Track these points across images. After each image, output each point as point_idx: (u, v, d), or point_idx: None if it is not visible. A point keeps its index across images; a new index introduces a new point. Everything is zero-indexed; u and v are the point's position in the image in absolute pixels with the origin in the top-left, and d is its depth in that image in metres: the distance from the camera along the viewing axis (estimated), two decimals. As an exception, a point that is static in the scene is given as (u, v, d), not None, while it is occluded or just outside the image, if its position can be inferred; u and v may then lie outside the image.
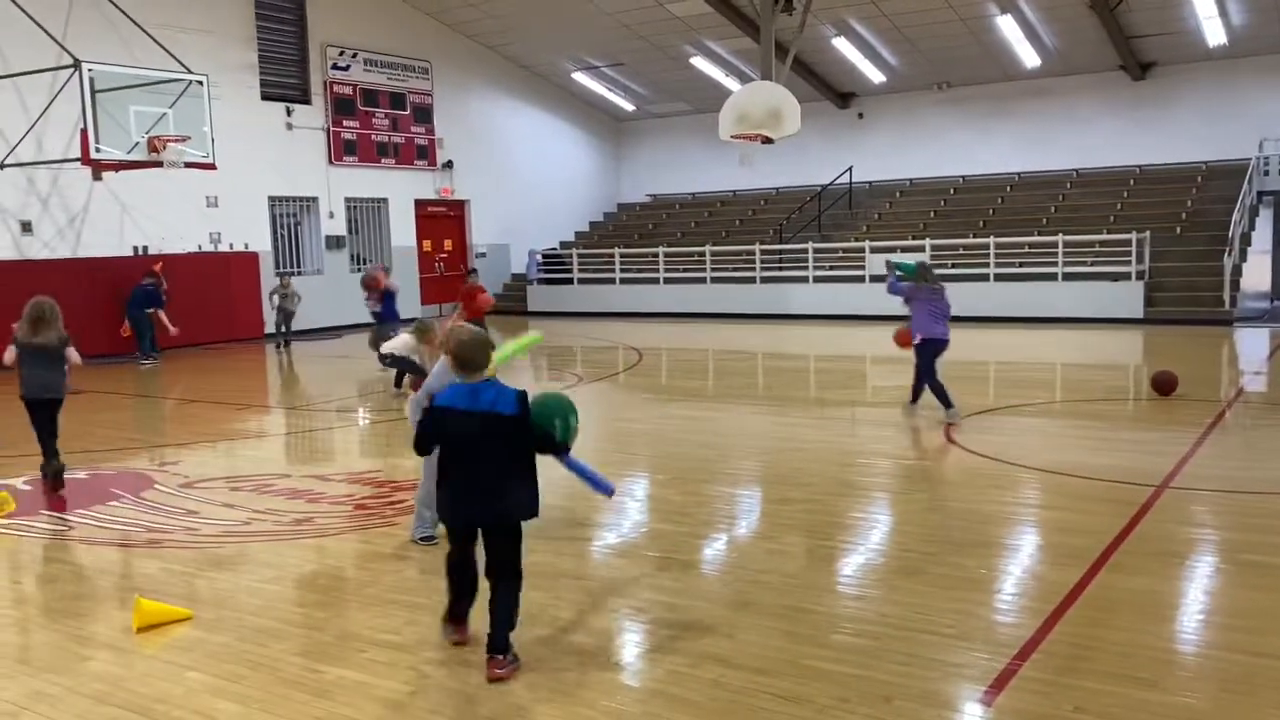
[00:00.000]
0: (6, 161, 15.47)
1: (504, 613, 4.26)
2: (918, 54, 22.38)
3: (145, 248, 17.87)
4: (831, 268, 21.81)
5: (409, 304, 22.71)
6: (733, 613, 4.85)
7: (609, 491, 5.10)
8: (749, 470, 8.21)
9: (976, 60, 22.32)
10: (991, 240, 19.84)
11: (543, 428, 4.30)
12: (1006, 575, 5.41)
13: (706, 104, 24.07)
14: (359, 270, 21.87)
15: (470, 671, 4.24)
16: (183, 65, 15.79)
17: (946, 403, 9.44)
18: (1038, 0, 19.33)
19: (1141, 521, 6.12)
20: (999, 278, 19.61)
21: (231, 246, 19.29)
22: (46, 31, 14.93)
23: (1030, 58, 21.89)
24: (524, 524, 4.36)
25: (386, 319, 13.61)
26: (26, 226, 16.36)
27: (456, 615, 4.54)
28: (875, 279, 20.74)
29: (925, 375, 9.64)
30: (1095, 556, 5.46)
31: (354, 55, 21.43)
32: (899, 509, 6.88)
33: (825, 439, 9.27)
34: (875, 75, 23.68)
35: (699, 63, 23.92)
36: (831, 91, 24.77)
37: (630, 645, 4.63)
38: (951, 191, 23.91)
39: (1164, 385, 10.47)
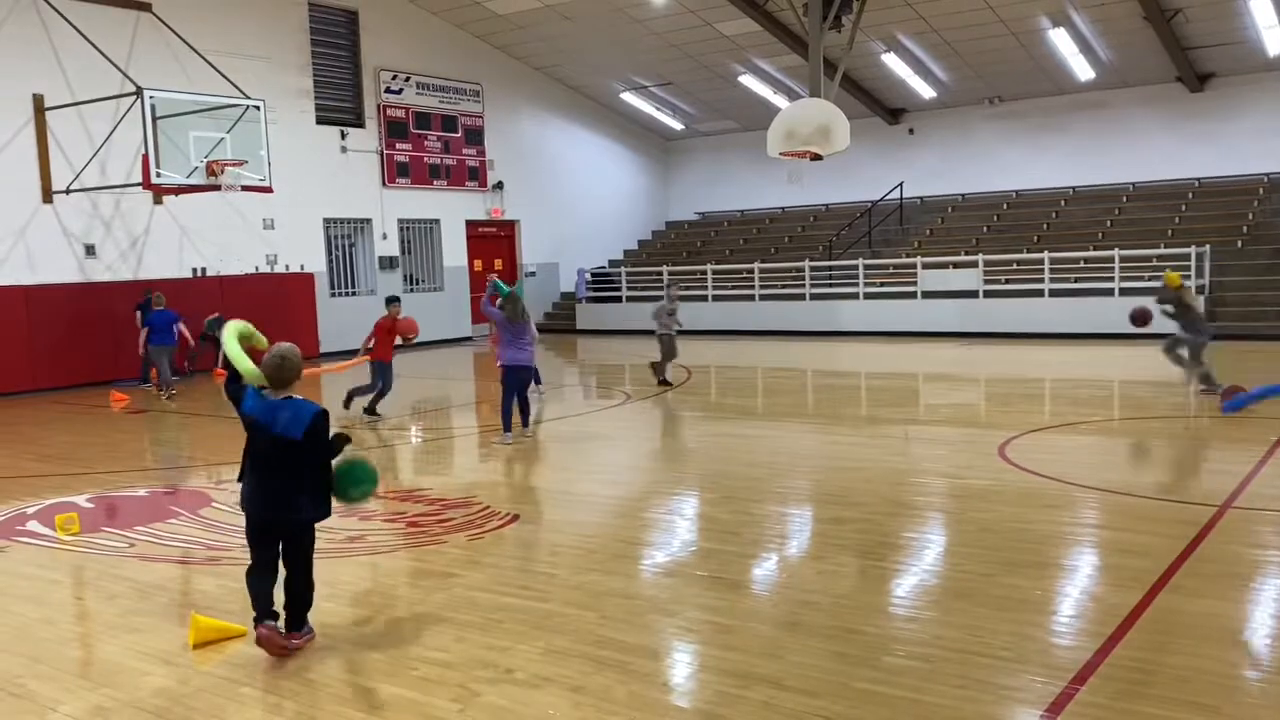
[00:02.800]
0: (72, 187, 15.93)
1: (302, 594, 4.88)
2: (968, 69, 22.20)
3: (204, 269, 18.26)
4: (882, 284, 21.65)
5: (462, 323, 23.02)
6: (783, 633, 4.81)
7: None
8: (799, 489, 8.15)
9: (1028, 74, 22.08)
10: (1046, 255, 19.57)
11: (340, 480, 4.92)
12: (1063, 597, 5.30)
13: (755, 122, 24.08)
14: (412, 290, 22.22)
15: (521, 689, 4.25)
16: (240, 91, 16.16)
17: (507, 426, 10.02)
18: (1091, 12, 19.10)
19: (1203, 542, 5.97)
20: (1054, 293, 19.33)
21: (287, 268, 19.64)
22: (110, 60, 15.37)
23: (1084, 70, 21.60)
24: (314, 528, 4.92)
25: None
26: (90, 250, 16.81)
27: (263, 611, 4.78)
28: (928, 295, 20.58)
29: (507, 399, 10.06)
30: (1155, 578, 5.33)
31: (406, 79, 21.76)
32: (953, 529, 6.78)
33: (877, 458, 9.17)
34: (925, 90, 23.53)
35: (747, 81, 23.95)
36: (881, 107, 24.64)
37: (679, 665, 4.61)
38: (1005, 207, 23.63)
39: (1139, 318, 11.70)
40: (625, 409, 12.61)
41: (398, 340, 12.07)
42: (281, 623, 4.80)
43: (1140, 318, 11.60)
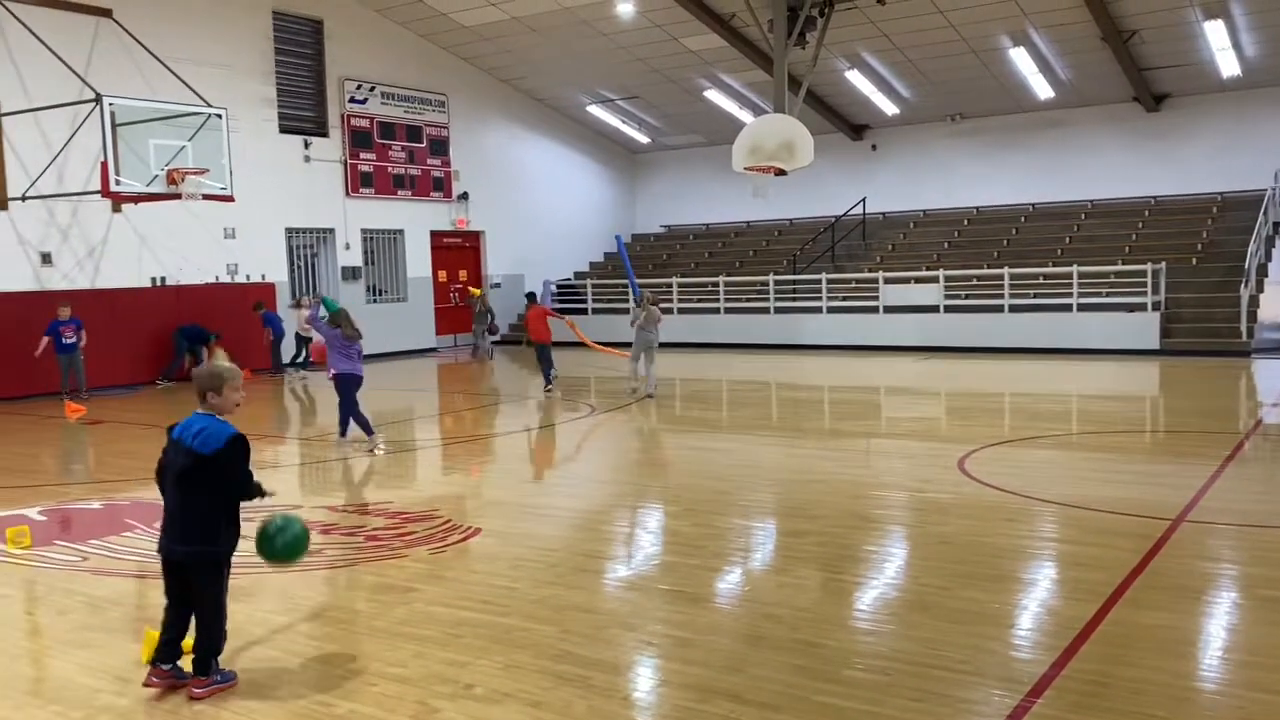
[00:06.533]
0: (28, 194, 15.67)
1: (199, 638, 4.43)
2: (930, 86, 22.48)
3: (163, 278, 18.04)
4: (845, 298, 21.82)
5: (427, 334, 22.88)
6: (744, 647, 4.82)
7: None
8: (762, 502, 8.18)
9: (989, 92, 22.40)
10: (1006, 271, 19.82)
11: (269, 544, 4.58)
12: (1021, 610, 5.35)
13: (720, 136, 24.22)
14: (375, 301, 22.10)
15: (480, 705, 4.22)
16: (202, 99, 16.01)
17: (368, 430, 10.45)
18: (1051, 32, 19.42)
19: (1157, 556, 6.06)
20: (1014, 309, 19.58)
21: (249, 278, 19.44)
22: (69, 66, 15.18)
23: (1043, 89, 21.95)
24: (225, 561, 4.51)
25: None
26: (46, 258, 16.54)
27: (161, 649, 4.49)
28: (889, 310, 20.77)
29: (347, 408, 10.50)
30: (1110, 591, 5.40)
31: (371, 89, 21.67)
32: (913, 542, 6.83)
33: (839, 470, 9.23)
34: (888, 107, 23.78)
35: (712, 95, 24.08)
36: (845, 123, 24.88)
37: (640, 680, 4.60)
38: (965, 223, 23.92)
39: None
40: (589, 421, 12.60)
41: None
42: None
43: None
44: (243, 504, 4.52)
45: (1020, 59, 20.65)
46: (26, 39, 15.31)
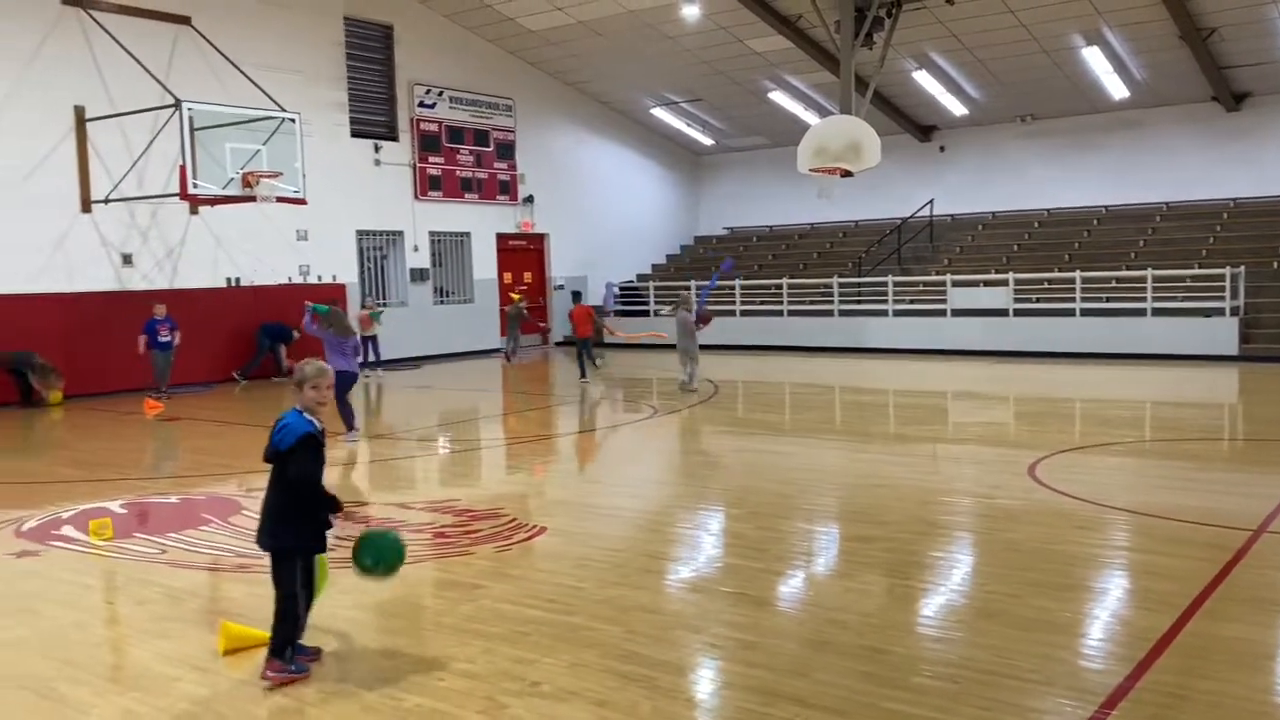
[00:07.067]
0: (110, 197, 16.18)
1: (275, 624, 4.58)
2: (1000, 86, 22.13)
3: (238, 279, 18.48)
4: (911, 301, 21.57)
5: (491, 335, 23.09)
6: (809, 652, 4.79)
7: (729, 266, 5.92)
8: (826, 506, 8.12)
9: (1062, 92, 21.97)
10: (1078, 274, 19.42)
11: (363, 556, 4.71)
12: (1093, 620, 5.25)
13: (785, 138, 24.10)
14: (442, 302, 22.38)
15: (547, 703, 4.26)
16: (276, 104, 16.38)
17: (350, 425, 11.26)
18: (1126, 31, 18.99)
19: (1236, 567, 5.89)
20: (1085, 313, 19.18)
21: (320, 279, 19.83)
22: (150, 72, 15.63)
23: (1118, 89, 21.47)
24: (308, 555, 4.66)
25: None
26: (127, 259, 17.04)
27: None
28: (957, 313, 20.47)
29: (340, 402, 11.18)
30: (1187, 602, 5.27)
31: (440, 93, 21.96)
32: (982, 549, 6.73)
33: (905, 475, 9.13)
34: (957, 108, 23.46)
35: (777, 97, 23.97)
36: (912, 124, 24.59)
37: (705, 682, 4.60)
38: (1036, 225, 23.49)
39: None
40: (652, 423, 12.62)
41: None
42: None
43: None
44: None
45: (1094, 58, 20.21)
46: (110, 47, 15.82)
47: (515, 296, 22.22)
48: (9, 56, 15.37)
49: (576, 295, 18.73)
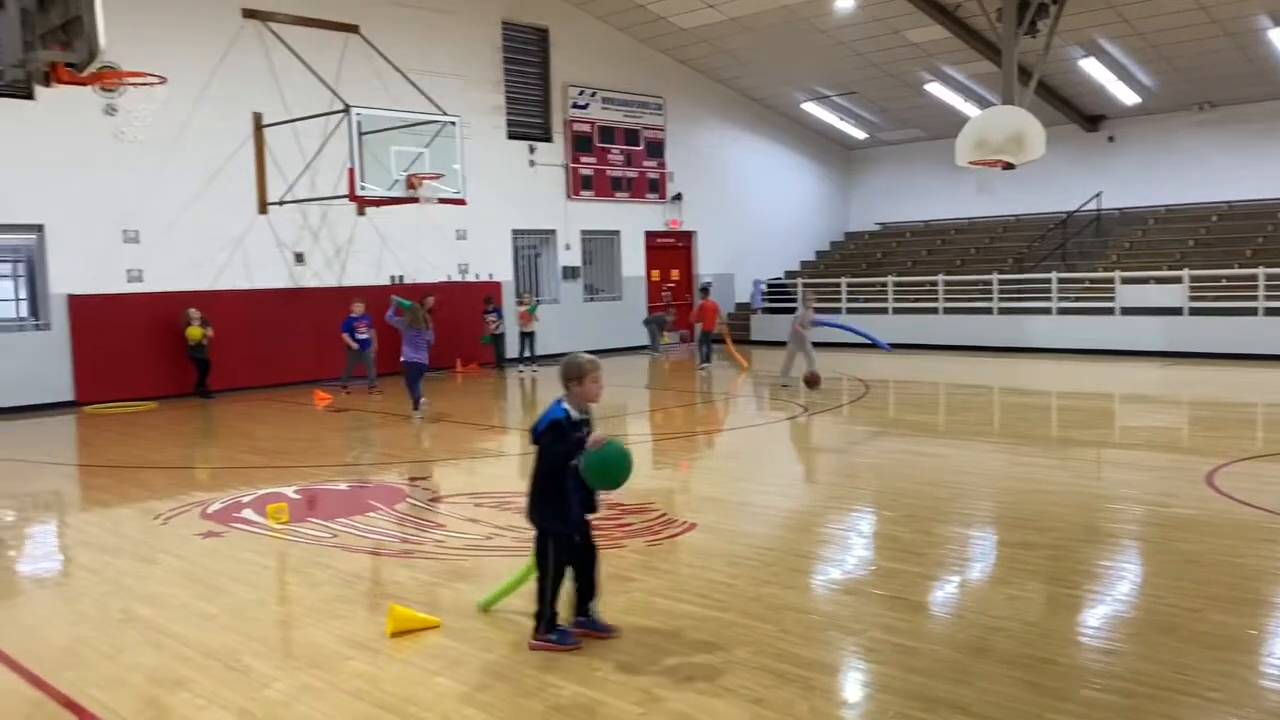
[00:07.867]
0: (284, 198, 17.10)
1: (538, 597, 4.90)
2: (1175, 73, 20.94)
3: (401, 277, 19.23)
4: (1077, 299, 20.66)
5: (640, 332, 23.29)
6: (969, 658, 4.67)
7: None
8: (985, 511, 7.87)
9: (1244, 78, 20.61)
10: (1261, 271, 18.21)
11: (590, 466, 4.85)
12: (1280, 639, 4.93)
13: (941, 130, 23.46)
14: (592, 299, 22.73)
15: (702, 698, 4.28)
16: (438, 108, 16.98)
17: (416, 405, 12.95)
18: (1319, 9, 17.70)
19: None
20: (1269, 312, 17.96)
21: (478, 276, 20.44)
22: (321, 79, 16.43)
23: (1309, 72, 20.02)
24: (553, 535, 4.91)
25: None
26: (300, 258, 17.98)
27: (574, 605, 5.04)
28: (1127, 311, 19.51)
29: (412, 388, 13.01)
30: (1389, 625, 4.89)
31: (593, 94, 22.30)
32: (1154, 559, 6.40)
33: (1069, 481, 8.75)
34: (1128, 96, 22.32)
35: (934, 88, 23.34)
36: (1078, 114, 23.54)
37: (860, 684, 4.54)
38: (1214, 219, 22.13)
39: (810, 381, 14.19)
40: (801, 422, 12.50)
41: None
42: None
43: None
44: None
45: (1282, 39, 18.91)
46: (285, 56, 16.71)
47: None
48: (196, 68, 16.42)
49: (705, 289, 20.01)
